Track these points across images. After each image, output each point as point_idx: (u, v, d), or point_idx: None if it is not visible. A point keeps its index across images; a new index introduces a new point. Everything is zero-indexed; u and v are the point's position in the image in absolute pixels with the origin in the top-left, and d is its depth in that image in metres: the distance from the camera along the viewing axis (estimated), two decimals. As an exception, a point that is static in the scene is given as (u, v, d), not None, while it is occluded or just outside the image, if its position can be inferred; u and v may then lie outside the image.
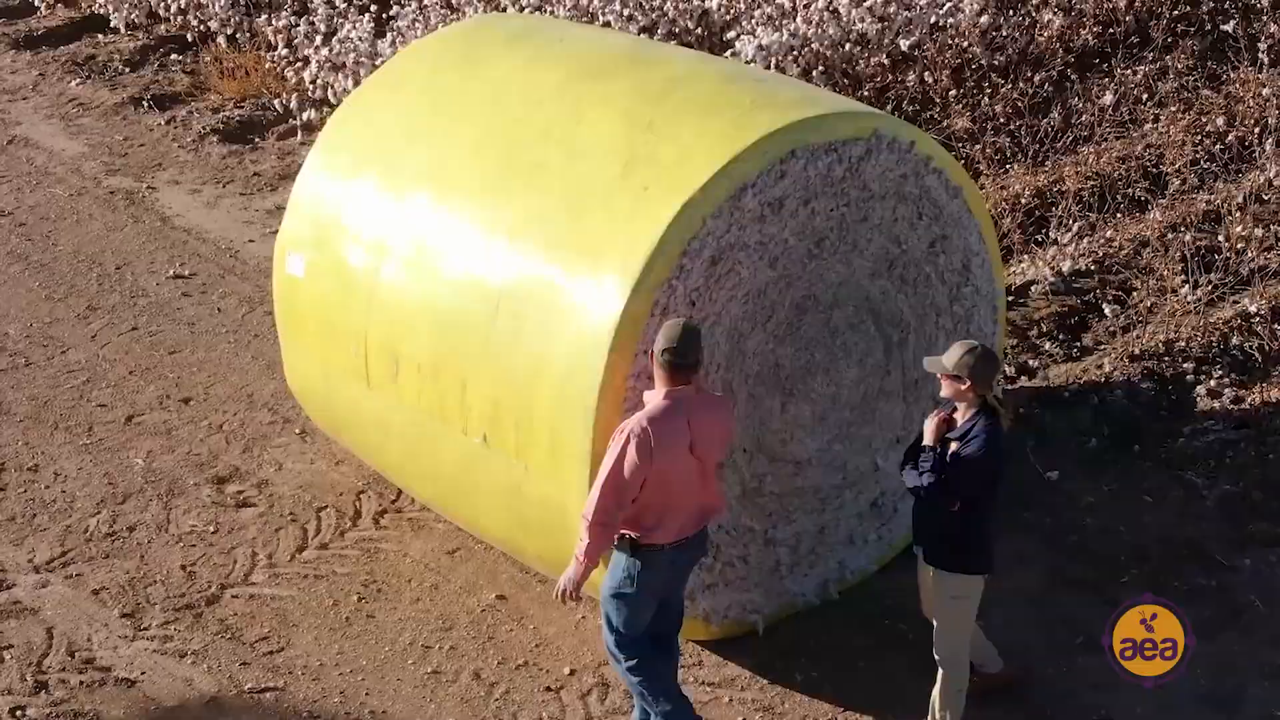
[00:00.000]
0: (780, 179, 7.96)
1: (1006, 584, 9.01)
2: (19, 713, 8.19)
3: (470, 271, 8.31)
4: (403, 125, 9.07)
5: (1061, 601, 8.96)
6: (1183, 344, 10.93)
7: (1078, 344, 11.18)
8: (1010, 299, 11.39)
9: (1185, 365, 10.76)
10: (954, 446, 7.45)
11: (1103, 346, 11.09)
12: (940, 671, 7.80)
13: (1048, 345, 11.16)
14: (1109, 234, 12.19)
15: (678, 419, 7.26)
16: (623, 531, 7.37)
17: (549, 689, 8.36)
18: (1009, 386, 10.61)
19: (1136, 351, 10.86)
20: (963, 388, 7.41)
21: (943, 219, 8.72)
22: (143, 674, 8.47)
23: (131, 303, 12.19)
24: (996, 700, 8.21)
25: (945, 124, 13.27)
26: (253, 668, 8.52)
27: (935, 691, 7.82)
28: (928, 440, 7.53)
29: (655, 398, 7.34)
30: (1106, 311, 11.30)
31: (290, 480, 10.03)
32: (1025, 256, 12.02)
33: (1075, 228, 12.11)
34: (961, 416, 7.50)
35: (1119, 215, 12.35)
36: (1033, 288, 11.71)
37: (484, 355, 8.15)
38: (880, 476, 8.92)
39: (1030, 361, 10.99)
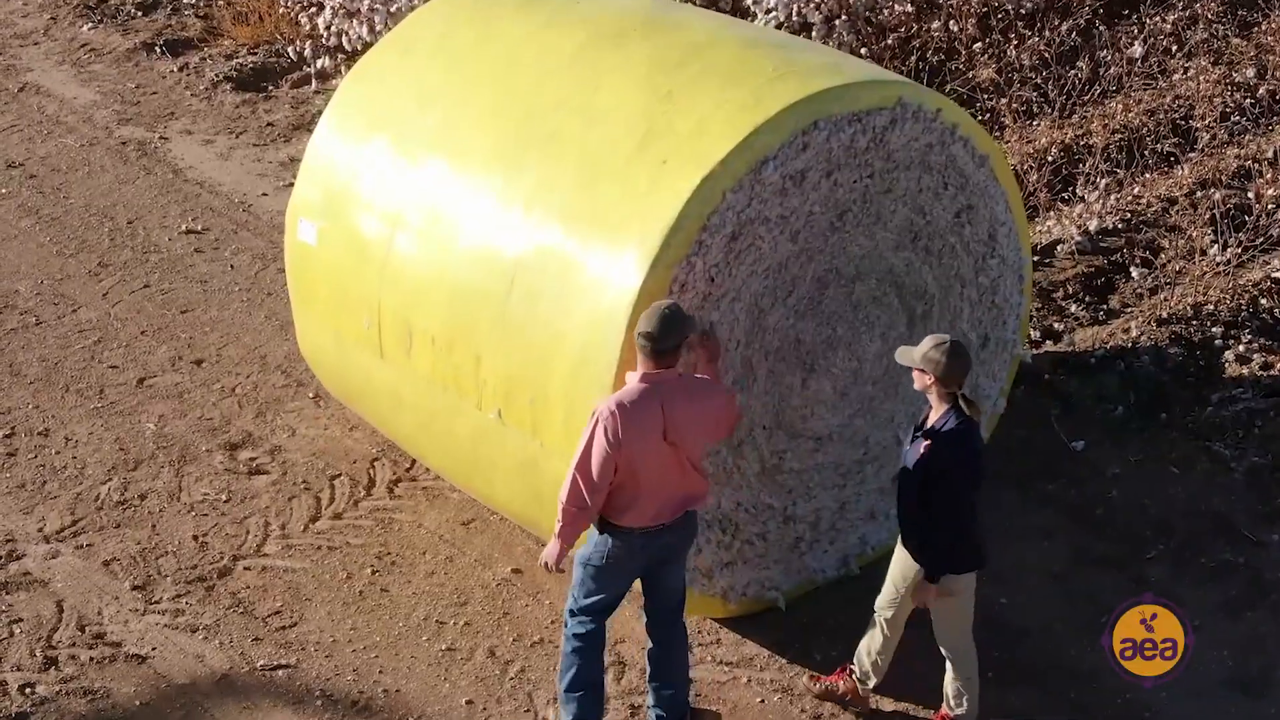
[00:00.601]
0: (802, 151, 7.75)
1: (1029, 560, 8.92)
2: (28, 690, 8.08)
3: (484, 243, 8.13)
4: (415, 91, 8.86)
5: (1085, 578, 8.81)
6: (1211, 307, 10.74)
7: (1104, 306, 10.99)
8: (1036, 259, 11.20)
9: (1213, 330, 10.56)
10: (924, 446, 7.25)
11: (1129, 309, 10.90)
12: (949, 662, 7.66)
13: (1073, 308, 10.97)
14: (1136, 190, 11.99)
15: (650, 404, 7.04)
16: None
17: (565, 668, 8.25)
18: (1035, 351, 10.42)
19: (1164, 315, 10.67)
20: (929, 381, 7.21)
21: (969, 188, 8.52)
22: (154, 650, 8.35)
23: (143, 259, 12.02)
24: (1017, 684, 8.09)
25: (970, 74, 13.04)
26: (265, 644, 8.40)
27: (947, 680, 7.68)
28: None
29: (632, 380, 7.17)
30: (1134, 274, 11.09)
31: (304, 446, 9.89)
32: (1051, 214, 11.80)
33: (1102, 185, 11.90)
34: (934, 414, 7.29)
35: (1148, 172, 12.13)
36: (1059, 247, 11.50)
37: (498, 330, 7.98)
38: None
39: (1056, 325, 10.80)
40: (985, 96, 12.88)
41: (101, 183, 13.14)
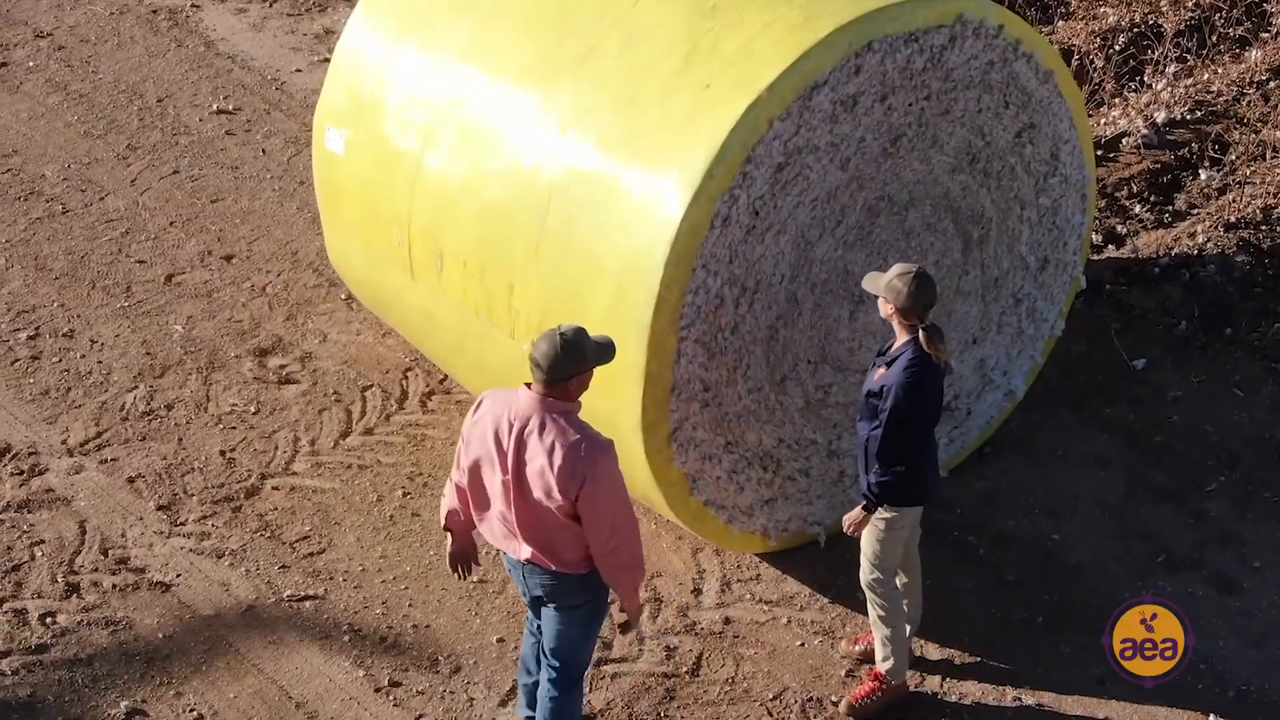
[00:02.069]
0: (855, 74, 7.30)
1: (1084, 491, 8.60)
2: (49, 620, 7.87)
3: (517, 167, 7.71)
4: (448, -6, 8.40)
5: (1142, 513, 8.46)
6: (1281, 210, 10.27)
7: (1170, 207, 10.50)
8: (1099, 153, 10.73)
9: (1284, 236, 10.12)
10: (880, 373, 6.88)
11: (1196, 211, 10.42)
12: (870, 608, 7.32)
13: (1137, 208, 10.49)
14: (1206, 78, 11.42)
15: (506, 422, 6.21)
16: None
17: (599, 604, 7.98)
18: (1095, 257, 9.98)
19: (1232, 219, 10.19)
20: (890, 311, 6.82)
21: (1031, 106, 8.05)
22: (178, 577, 8.13)
23: (173, 141, 11.64)
24: (1067, 629, 7.78)
25: (1036, -54, 12.42)
26: (292, 571, 8.16)
27: (873, 630, 7.40)
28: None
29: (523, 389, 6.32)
30: (1202, 176, 10.58)
31: (335, 354, 9.57)
32: (1117, 104, 11.27)
33: (1171, 72, 11.34)
34: (896, 343, 6.91)
35: (1218, 58, 11.55)
36: (1124, 140, 10.99)
37: (532, 258, 7.60)
38: (954, 379, 8.40)
39: (1119, 227, 10.34)
40: (1050, -28, 12.29)
41: (131, 55, 12.71)
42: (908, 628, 7.45)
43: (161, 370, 9.46)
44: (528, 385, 6.23)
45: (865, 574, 7.24)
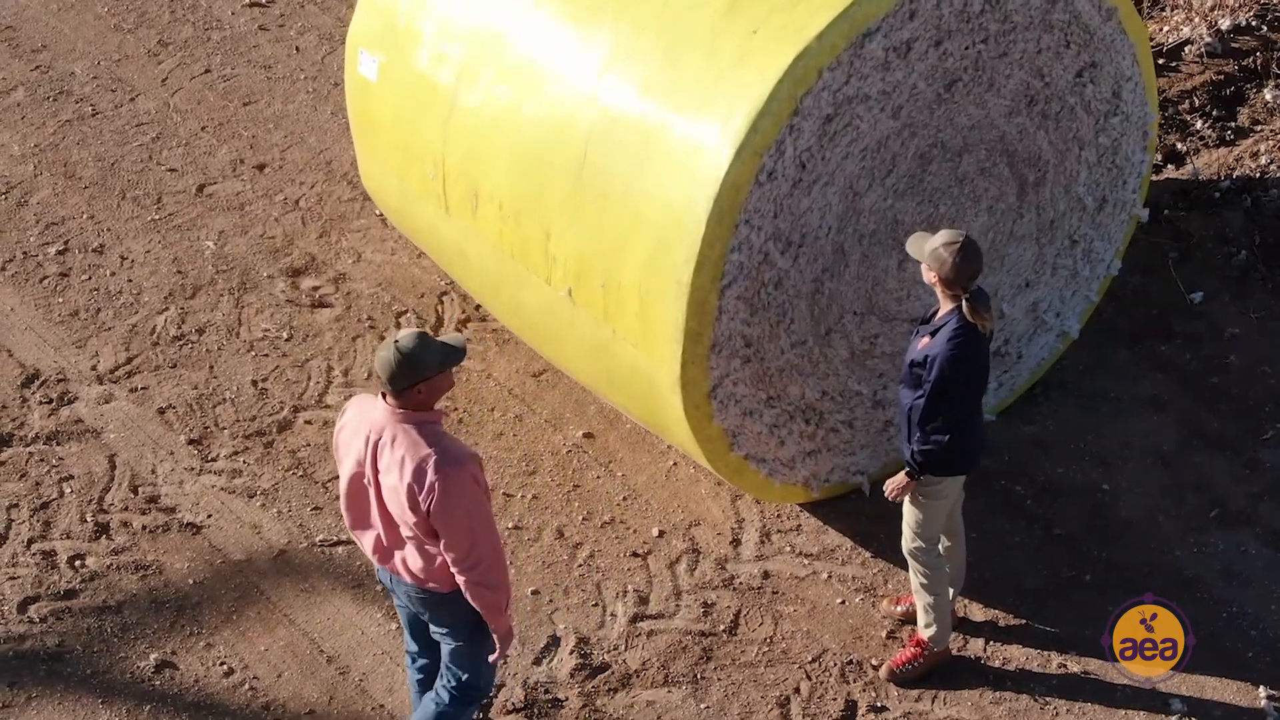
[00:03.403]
0: (909, 20, 6.95)
1: (1137, 438, 8.36)
2: (78, 563, 7.75)
3: (555, 111, 7.40)
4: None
5: (1196, 463, 8.21)
6: (1350, 130, 9.88)
7: (1232, 123, 10.10)
8: (1160, 62, 10.33)
9: (1352, 158, 9.72)
10: (924, 342, 6.60)
11: (1259, 128, 10.02)
12: (912, 575, 7.12)
13: (1199, 124, 10.09)
14: (1276, -22, 10.97)
15: (364, 431, 5.92)
16: None
17: (635, 554, 7.80)
18: (1154, 178, 9.62)
19: (1297, 139, 9.82)
20: (933, 279, 6.51)
21: (1093, 45, 7.68)
22: (209, 518, 7.99)
23: (205, 37, 11.32)
24: (1114, 588, 7.57)
25: None
26: (324, 514, 8.01)
27: (915, 597, 7.20)
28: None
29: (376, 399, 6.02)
30: (1267, 96, 10.15)
31: (369, 275, 9.34)
32: (1181, 3, 10.83)
33: (1238, -27, 10.89)
34: (940, 311, 6.60)
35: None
36: (1186, 49, 10.56)
37: (569, 205, 7.33)
38: (1005, 323, 8.13)
39: (1178, 145, 9.96)
40: None
41: (162, -60, 12.36)
42: (951, 591, 7.26)
43: (193, 290, 9.26)
44: (383, 395, 5.90)
45: (907, 542, 7.04)
